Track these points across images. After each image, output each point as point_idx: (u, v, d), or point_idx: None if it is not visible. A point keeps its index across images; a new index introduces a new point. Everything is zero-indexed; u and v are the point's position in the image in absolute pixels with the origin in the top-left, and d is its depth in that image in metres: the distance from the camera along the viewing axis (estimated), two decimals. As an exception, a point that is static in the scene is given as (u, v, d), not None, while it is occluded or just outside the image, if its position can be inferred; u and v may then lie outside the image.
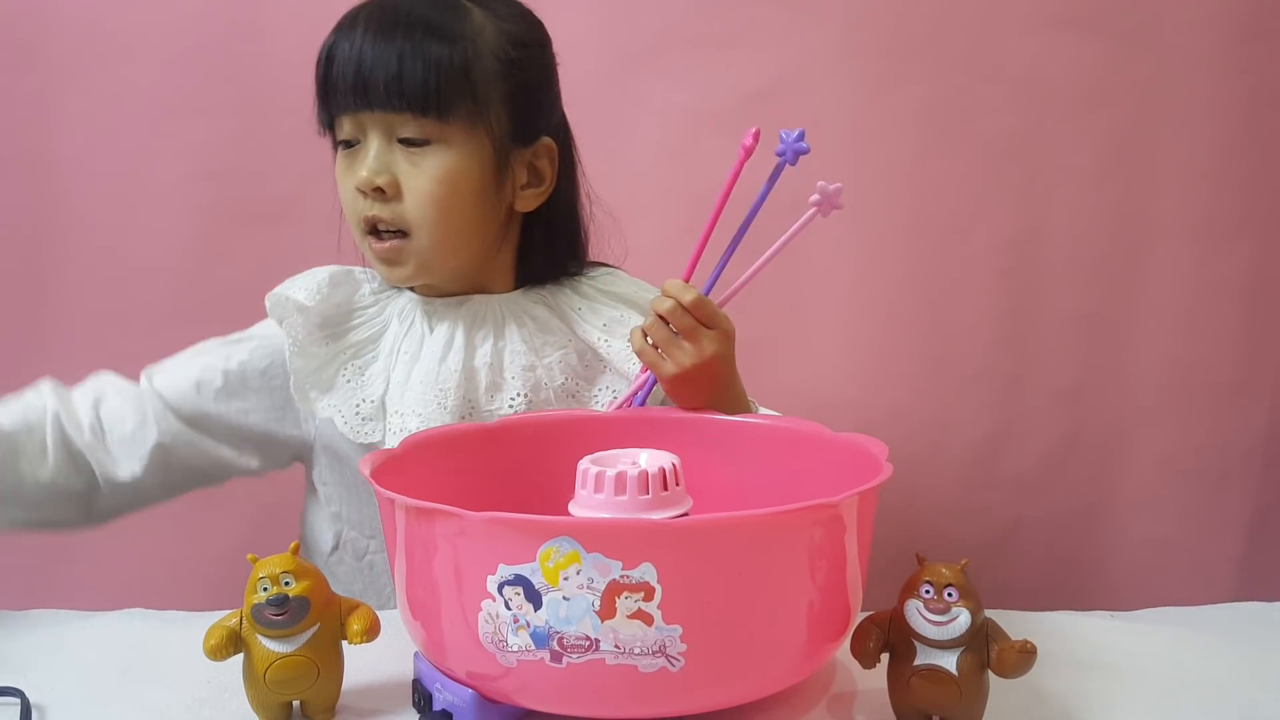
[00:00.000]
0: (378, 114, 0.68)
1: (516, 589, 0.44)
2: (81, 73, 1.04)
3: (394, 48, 0.67)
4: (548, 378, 0.74)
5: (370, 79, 0.67)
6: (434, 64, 0.67)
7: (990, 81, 1.08)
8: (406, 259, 0.72)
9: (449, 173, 0.70)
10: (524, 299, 0.77)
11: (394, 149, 0.70)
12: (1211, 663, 0.62)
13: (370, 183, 0.69)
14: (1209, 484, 1.13)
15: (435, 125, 0.69)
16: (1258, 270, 1.11)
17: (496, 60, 0.70)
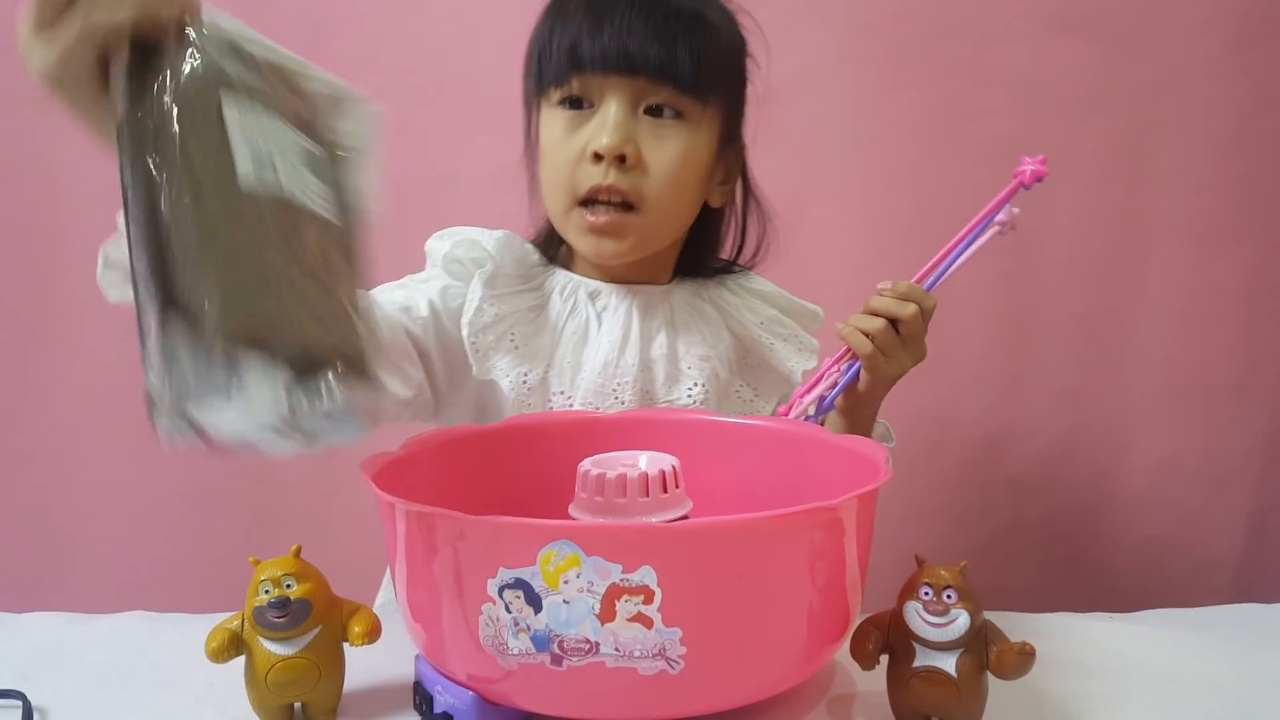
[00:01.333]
0: (630, 79, 0.66)
1: (517, 592, 0.44)
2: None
3: (665, 24, 0.65)
4: (720, 368, 0.73)
5: (644, 45, 0.65)
6: (704, 46, 0.66)
7: (989, 85, 1.08)
8: (627, 234, 0.68)
9: (691, 151, 0.68)
10: (682, 290, 0.76)
11: (638, 119, 0.67)
12: (1210, 664, 0.62)
13: (618, 149, 0.65)
14: (1208, 485, 1.13)
15: (693, 103, 0.67)
16: (1256, 272, 1.11)
17: (733, 54, 0.71)
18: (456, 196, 1.06)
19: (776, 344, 0.75)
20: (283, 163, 0.37)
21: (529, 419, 0.69)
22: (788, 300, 0.79)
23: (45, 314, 1.07)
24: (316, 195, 0.38)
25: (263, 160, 0.36)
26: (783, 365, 0.75)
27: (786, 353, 0.75)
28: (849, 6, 1.07)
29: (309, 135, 0.39)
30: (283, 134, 0.38)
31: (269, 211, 0.36)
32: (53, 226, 1.07)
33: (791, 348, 0.75)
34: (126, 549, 1.07)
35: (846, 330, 0.65)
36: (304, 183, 0.38)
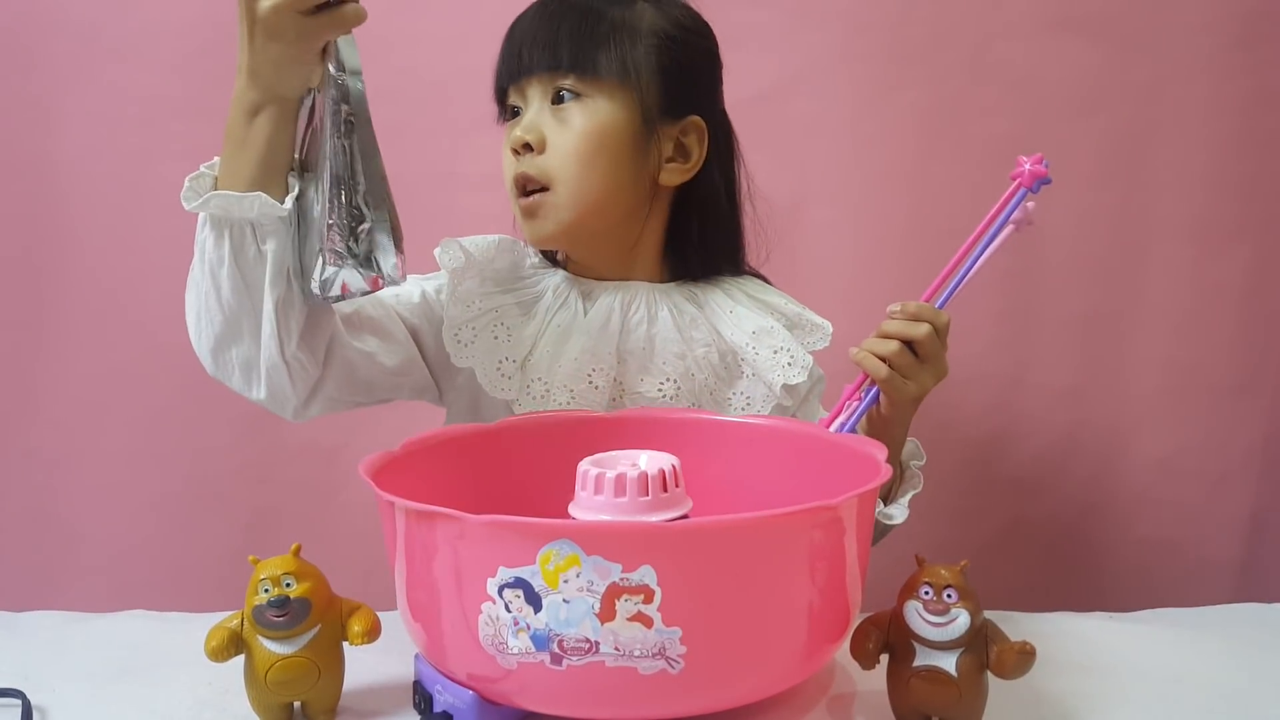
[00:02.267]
0: (535, 77, 0.72)
1: (517, 591, 0.44)
2: (82, 76, 1.04)
3: (557, 19, 0.72)
4: (695, 369, 0.75)
5: (534, 44, 0.72)
6: (590, 27, 0.72)
7: (989, 84, 1.08)
8: (546, 213, 0.73)
9: (594, 128, 0.72)
10: (675, 291, 0.78)
11: (545, 110, 0.73)
12: (1210, 664, 0.62)
13: (519, 140, 0.72)
14: (1208, 485, 1.13)
15: (585, 82, 0.72)
16: (1256, 272, 1.11)
17: (654, 35, 0.73)
18: (456, 196, 1.06)
19: (763, 354, 0.75)
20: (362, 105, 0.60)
21: (528, 418, 0.69)
22: (795, 313, 0.79)
23: (47, 314, 1.07)
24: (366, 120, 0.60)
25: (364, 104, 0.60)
26: (765, 376, 0.75)
27: (771, 365, 0.75)
28: (848, 7, 1.07)
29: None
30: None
31: (373, 138, 0.60)
32: (54, 226, 1.07)
33: (780, 360, 0.75)
34: (126, 548, 1.07)
35: (860, 355, 0.65)
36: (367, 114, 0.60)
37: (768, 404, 0.76)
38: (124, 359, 1.06)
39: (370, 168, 0.59)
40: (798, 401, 0.80)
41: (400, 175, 1.08)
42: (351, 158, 0.59)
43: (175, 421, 1.06)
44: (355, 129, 0.58)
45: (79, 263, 1.07)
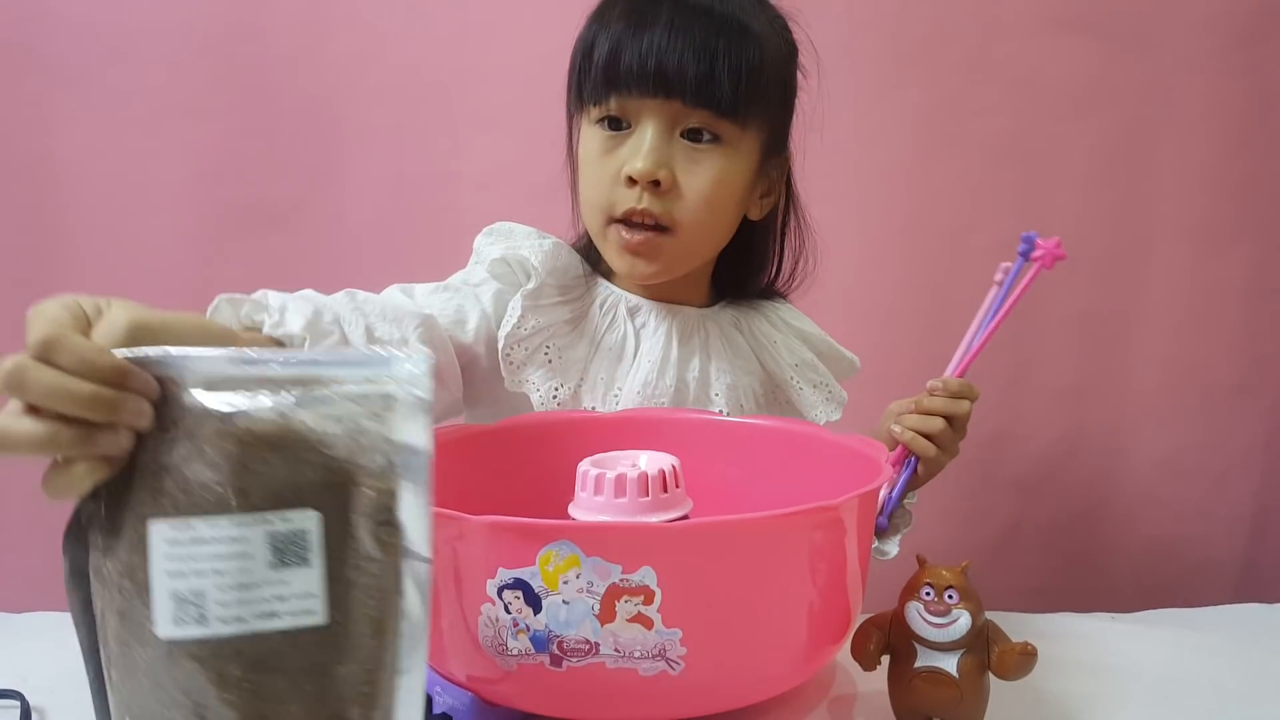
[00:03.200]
0: (666, 102, 0.65)
1: (516, 593, 0.44)
2: (81, 76, 1.04)
3: (705, 41, 0.63)
4: (745, 400, 0.73)
5: (679, 69, 0.63)
6: (746, 65, 0.64)
7: (989, 84, 1.08)
8: (660, 255, 0.68)
9: (727, 175, 0.67)
10: (721, 316, 0.75)
11: (674, 142, 0.66)
12: (1212, 664, 0.62)
13: (651, 175, 0.65)
14: (1209, 484, 1.13)
15: (731, 126, 0.66)
16: (1257, 271, 1.11)
17: (775, 68, 0.69)
18: (456, 195, 1.06)
19: (806, 390, 0.74)
20: (222, 591, 0.31)
21: (528, 419, 0.69)
22: (828, 345, 0.78)
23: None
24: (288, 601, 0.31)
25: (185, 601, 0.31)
26: (809, 413, 0.74)
27: (814, 401, 0.74)
28: (848, 5, 1.07)
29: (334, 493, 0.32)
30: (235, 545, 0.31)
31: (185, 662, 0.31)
32: (53, 227, 1.07)
33: (820, 395, 0.74)
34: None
35: (909, 436, 0.64)
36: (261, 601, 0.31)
37: None
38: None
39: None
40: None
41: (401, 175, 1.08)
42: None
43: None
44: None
45: (78, 263, 1.07)
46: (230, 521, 0.31)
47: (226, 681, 0.30)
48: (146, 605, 0.31)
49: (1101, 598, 1.12)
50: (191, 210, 1.06)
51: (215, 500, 0.31)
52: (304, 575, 0.31)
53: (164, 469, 0.32)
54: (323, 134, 1.06)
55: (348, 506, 0.31)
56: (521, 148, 1.05)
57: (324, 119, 1.05)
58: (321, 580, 0.30)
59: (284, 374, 0.32)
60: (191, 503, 0.31)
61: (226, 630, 0.30)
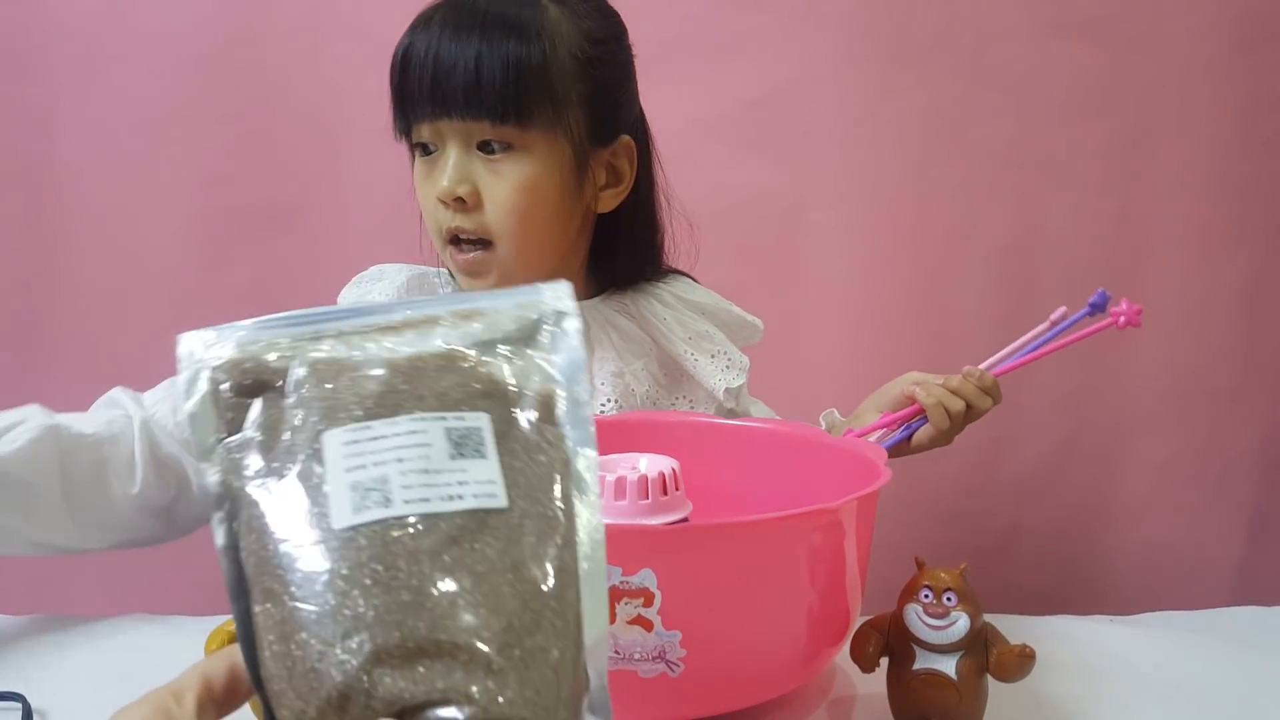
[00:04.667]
0: (456, 121, 0.66)
1: (517, 594, 0.44)
2: (83, 80, 1.05)
3: (471, 49, 0.63)
4: (635, 384, 0.73)
5: (448, 85, 0.64)
6: (512, 67, 0.64)
7: (987, 88, 1.08)
8: (489, 269, 0.70)
9: (530, 180, 0.67)
10: (604, 307, 0.75)
11: (473, 157, 0.67)
12: (1211, 667, 0.62)
13: (451, 193, 0.67)
14: (1208, 488, 1.13)
15: (515, 131, 0.66)
16: (1256, 275, 1.11)
17: (574, 59, 0.67)
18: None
19: (701, 360, 0.74)
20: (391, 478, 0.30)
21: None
22: (727, 313, 0.78)
23: (47, 318, 1.07)
24: (457, 489, 0.31)
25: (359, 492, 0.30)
26: (707, 381, 0.74)
27: (711, 369, 0.74)
28: (848, 9, 1.07)
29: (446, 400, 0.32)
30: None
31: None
32: (55, 231, 1.07)
33: (718, 364, 0.74)
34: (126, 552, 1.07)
35: (932, 401, 0.65)
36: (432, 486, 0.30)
37: (709, 407, 0.76)
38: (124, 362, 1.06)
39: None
40: (736, 399, 0.78)
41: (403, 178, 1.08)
42: None
43: (176, 425, 1.06)
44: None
45: (79, 267, 1.07)
46: (408, 419, 0.31)
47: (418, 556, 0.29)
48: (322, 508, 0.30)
49: (1100, 600, 1.12)
50: (194, 214, 1.06)
51: (389, 406, 0.31)
52: (481, 465, 0.31)
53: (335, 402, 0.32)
54: (325, 137, 1.06)
55: (511, 410, 0.32)
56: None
57: (326, 122, 1.06)
58: (499, 469, 0.31)
59: (445, 310, 0.34)
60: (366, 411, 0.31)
61: (411, 511, 0.30)
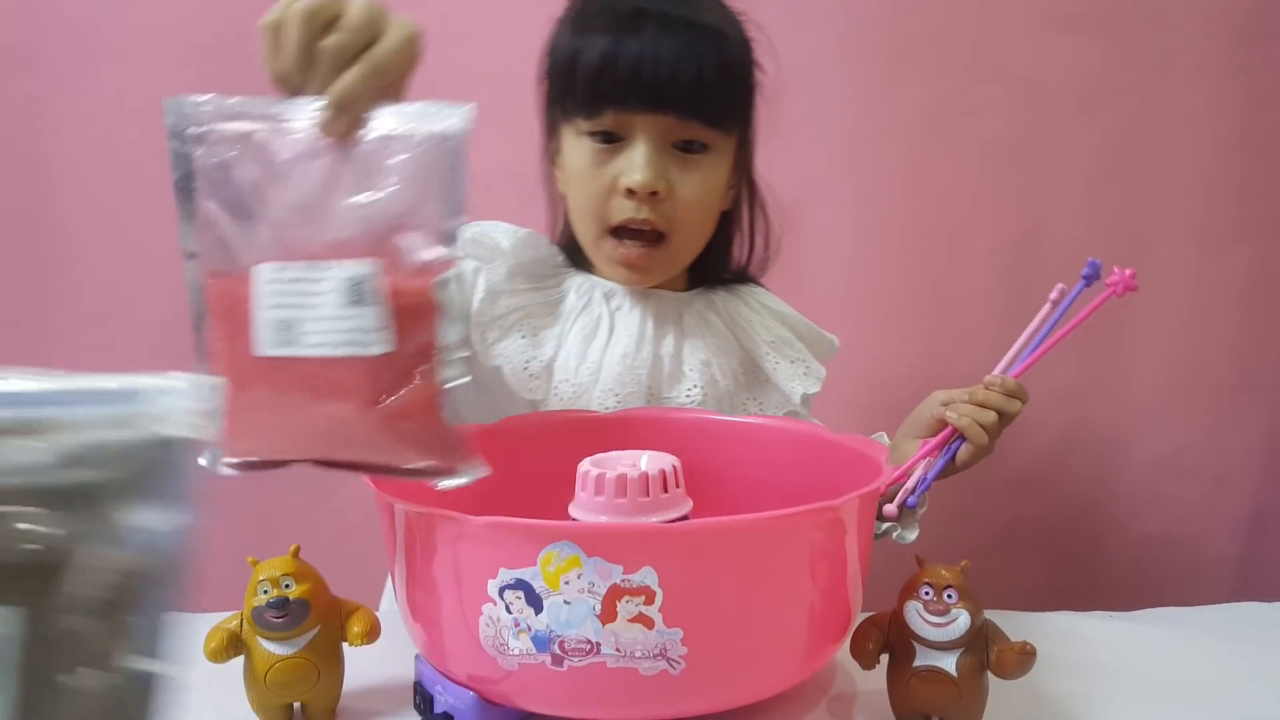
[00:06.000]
0: (659, 116, 0.66)
1: (517, 593, 0.44)
2: (79, 76, 1.04)
3: (691, 53, 0.65)
4: (719, 376, 0.74)
5: (671, 83, 0.65)
6: (728, 74, 0.68)
7: (989, 83, 1.08)
8: (654, 267, 0.72)
9: (715, 179, 0.71)
10: (698, 300, 0.77)
11: (666, 152, 0.68)
12: (1211, 663, 0.62)
13: (651, 187, 0.67)
14: (1208, 483, 1.13)
15: (717, 134, 0.69)
16: (1257, 270, 1.11)
17: (749, 68, 0.72)
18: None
19: (782, 364, 0.76)
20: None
21: (528, 419, 0.69)
22: (805, 326, 0.80)
23: (44, 313, 1.07)
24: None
25: None
26: (784, 384, 0.75)
27: (791, 374, 0.75)
28: (847, 4, 1.07)
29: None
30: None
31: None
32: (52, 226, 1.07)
33: (797, 370, 0.76)
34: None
35: (965, 422, 0.65)
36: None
37: (781, 410, 0.77)
38: (122, 358, 1.06)
39: None
40: (808, 411, 0.80)
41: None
42: None
43: (174, 421, 1.06)
44: None
45: (76, 262, 1.07)
46: None
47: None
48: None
49: (1100, 596, 1.12)
50: (191, 209, 1.06)
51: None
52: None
53: None
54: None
55: (51, 601, 0.22)
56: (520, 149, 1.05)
57: (324, 118, 1.05)
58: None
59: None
60: None
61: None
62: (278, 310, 0.43)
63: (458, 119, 0.45)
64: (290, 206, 0.44)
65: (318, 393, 0.43)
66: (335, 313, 0.42)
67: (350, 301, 0.42)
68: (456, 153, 0.44)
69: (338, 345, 0.42)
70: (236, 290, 0.44)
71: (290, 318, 0.42)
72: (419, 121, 0.45)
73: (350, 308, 0.42)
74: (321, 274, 0.42)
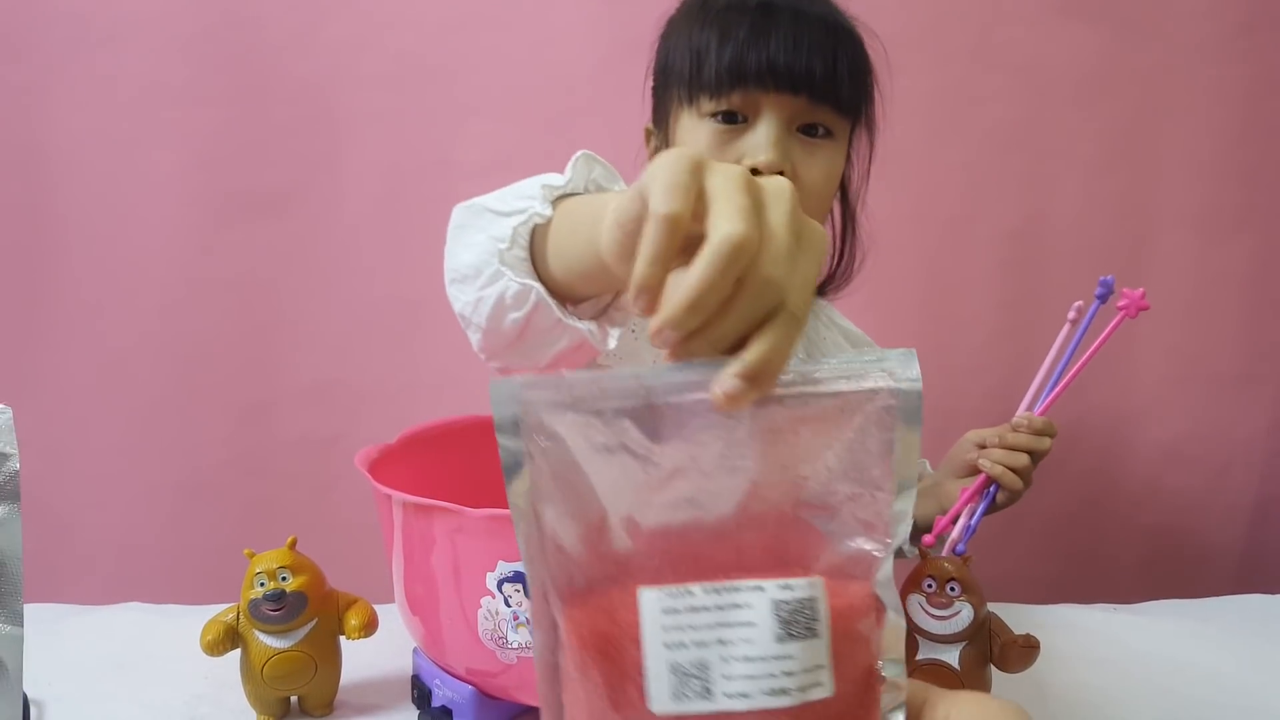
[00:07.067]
0: (787, 98, 0.67)
1: (516, 586, 0.44)
2: (73, 63, 1.03)
3: (826, 43, 0.67)
4: None
5: (807, 69, 0.66)
6: (859, 66, 0.70)
7: (991, 71, 1.07)
8: None
9: (834, 167, 0.71)
10: None
11: (791, 135, 0.68)
12: (1215, 655, 0.61)
13: (778, 166, 0.67)
14: (1212, 474, 1.13)
15: (841, 120, 0.69)
16: (1261, 259, 1.10)
17: (870, 65, 0.73)
18: (454, 183, 1.05)
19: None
20: None
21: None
22: (864, 342, 0.81)
23: (39, 304, 1.06)
24: None
25: None
26: None
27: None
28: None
29: None
30: None
31: None
32: (46, 215, 1.06)
33: None
34: (121, 541, 1.07)
35: (998, 471, 0.65)
36: None
37: None
38: (118, 350, 1.06)
39: None
40: None
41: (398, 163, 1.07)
42: None
43: (170, 413, 1.05)
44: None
45: (71, 253, 1.06)
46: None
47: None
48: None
49: (1104, 588, 1.11)
50: (186, 198, 1.05)
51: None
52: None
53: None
54: (318, 121, 1.04)
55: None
56: (519, 135, 1.04)
57: (320, 106, 1.04)
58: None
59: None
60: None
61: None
62: (680, 651, 0.30)
63: (907, 367, 0.32)
64: (674, 502, 0.32)
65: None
66: (764, 651, 0.30)
67: (784, 635, 0.30)
68: (911, 413, 0.32)
69: (769, 694, 0.30)
70: (610, 626, 0.31)
71: (700, 659, 0.30)
72: (849, 376, 0.33)
73: (784, 643, 0.30)
74: (740, 598, 0.31)
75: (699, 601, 0.30)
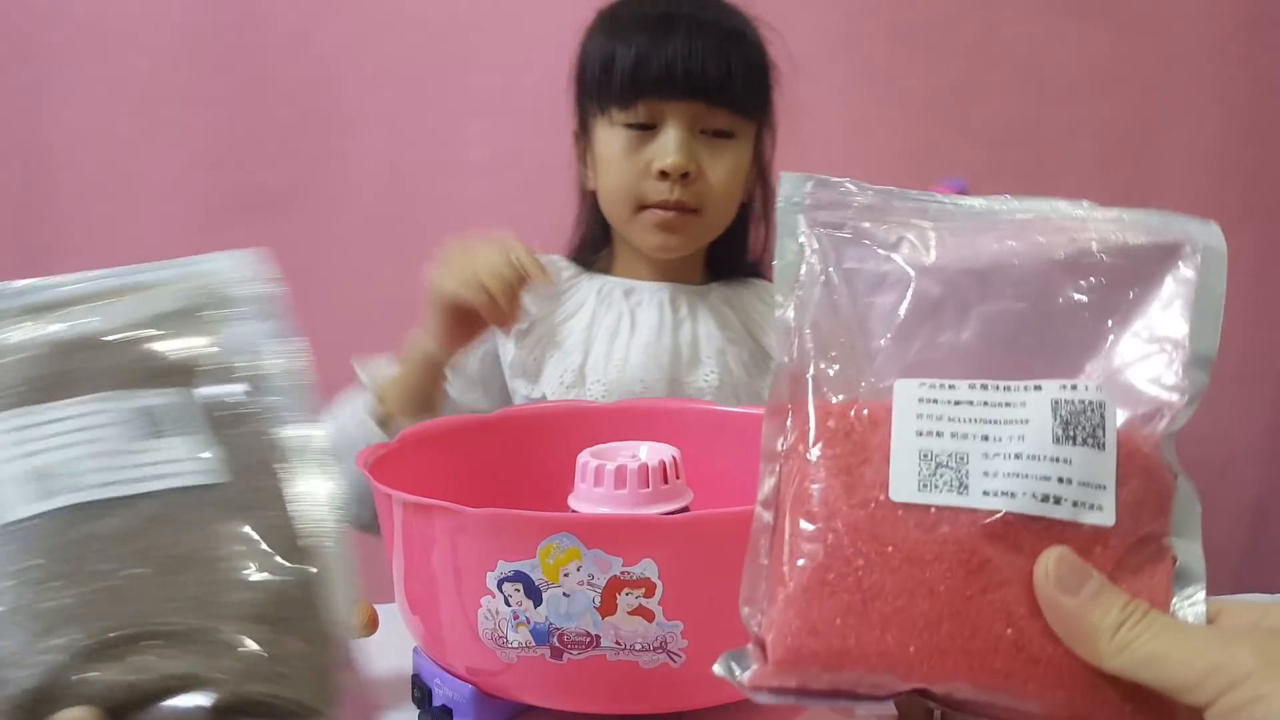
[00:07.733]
0: (688, 104, 0.73)
1: (516, 585, 0.44)
2: (76, 64, 1.03)
3: (721, 49, 0.72)
4: (733, 364, 0.79)
5: (703, 74, 0.71)
6: (753, 68, 0.75)
7: (993, 68, 1.07)
8: (687, 230, 0.76)
9: (739, 164, 0.76)
10: (713, 293, 0.82)
11: (695, 138, 0.74)
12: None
13: (683, 168, 0.73)
14: (1211, 475, 1.13)
15: (742, 121, 0.75)
16: (1262, 258, 1.10)
17: (768, 67, 0.78)
18: (454, 182, 1.05)
19: None
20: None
21: (527, 409, 0.69)
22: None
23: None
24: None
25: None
26: None
27: None
28: (850, -10, 1.06)
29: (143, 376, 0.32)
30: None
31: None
32: (49, 214, 1.06)
33: None
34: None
35: None
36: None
37: None
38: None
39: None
40: None
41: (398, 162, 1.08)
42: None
43: (172, 411, 1.06)
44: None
45: (74, 251, 1.06)
46: (90, 399, 0.31)
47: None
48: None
49: (1102, 586, 1.12)
50: (188, 197, 1.05)
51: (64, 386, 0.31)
52: (185, 442, 0.31)
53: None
54: (319, 121, 1.05)
55: (194, 385, 0.32)
56: (519, 134, 1.04)
57: (321, 105, 1.05)
58: (209, 443, 0.31)
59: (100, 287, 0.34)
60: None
61: (101, 495, 0.29)
62: (934, 440, 0.27)
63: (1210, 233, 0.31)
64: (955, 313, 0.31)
65: (981, 575, 0.26)
66: (1038, 450, 0.27)
67: (1063, 437, 0.27)
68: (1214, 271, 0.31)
69: (1038, 499, 0.27)
70: (855, 420, 0.29)
71: (959, 451, 0.27)
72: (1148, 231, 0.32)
73: (1062, 445, 0.27)
74: (1012, 396, 0.28)
75: (963, 395, 0.27)
